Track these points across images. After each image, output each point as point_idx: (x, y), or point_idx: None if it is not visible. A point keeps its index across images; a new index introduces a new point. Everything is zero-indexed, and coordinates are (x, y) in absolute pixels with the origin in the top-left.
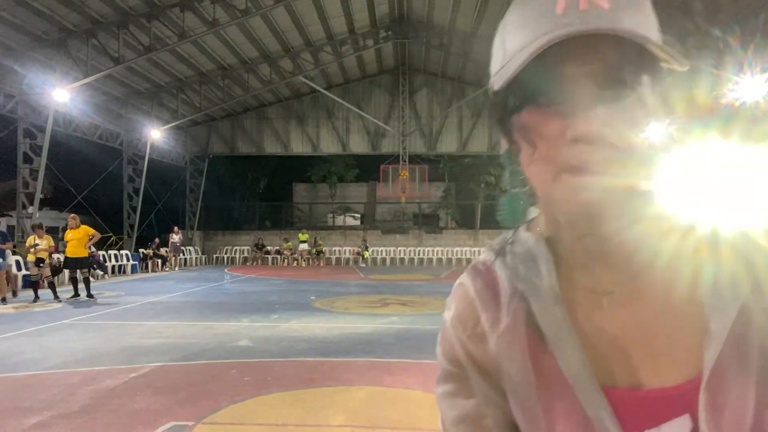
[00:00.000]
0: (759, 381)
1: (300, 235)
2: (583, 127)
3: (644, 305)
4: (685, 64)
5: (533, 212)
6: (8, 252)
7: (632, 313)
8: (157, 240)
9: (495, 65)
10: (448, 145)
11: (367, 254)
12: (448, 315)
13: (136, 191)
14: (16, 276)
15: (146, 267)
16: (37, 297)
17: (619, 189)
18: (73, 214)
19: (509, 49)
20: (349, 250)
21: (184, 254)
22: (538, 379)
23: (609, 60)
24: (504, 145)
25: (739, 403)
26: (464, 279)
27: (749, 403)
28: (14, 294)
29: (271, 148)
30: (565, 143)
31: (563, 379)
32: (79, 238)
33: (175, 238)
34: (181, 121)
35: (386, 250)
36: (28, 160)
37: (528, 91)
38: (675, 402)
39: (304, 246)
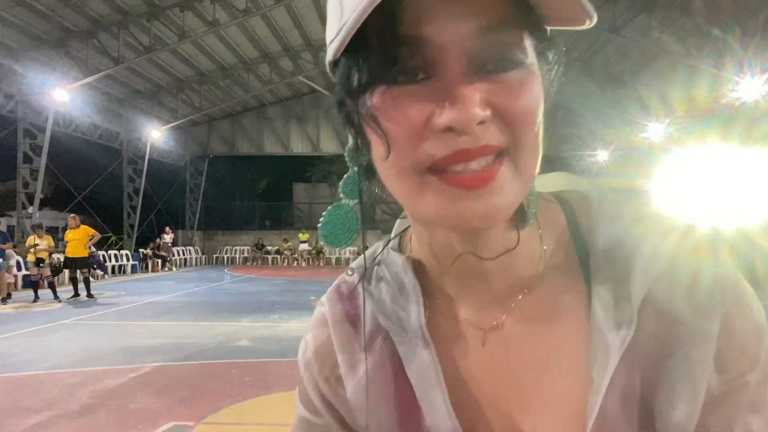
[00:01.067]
0: (641, 427)
1: (300, 235)
2: (458, 110)
3: (532, 344)
4: (592, 17)
5: (402, 224)
6: (9, 252)
7: (518, 353)
8: (157, 240)
9: (331, 30)
10: None
11: None
12: (303, 351)
13: (136, 191)
14: (16, 276)
15: (146, 267)
16: (37, 297)
17: (509, 194)
18: (73, 214)
19: (348, 4)
20: (349, 250)
21: (175, 255)
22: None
23: (485, 17)
24: (351, 139)
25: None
26: (325, 303)
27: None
28: (9, 296)
29: (271, 148)
30: (432, 134)
31: (424, 429)
32: (79, 238)
33: (167, 238)
34: (181, 121)
35: None
36: (28, 160)
37: (375, 62)
38: None
39: (305, 246)
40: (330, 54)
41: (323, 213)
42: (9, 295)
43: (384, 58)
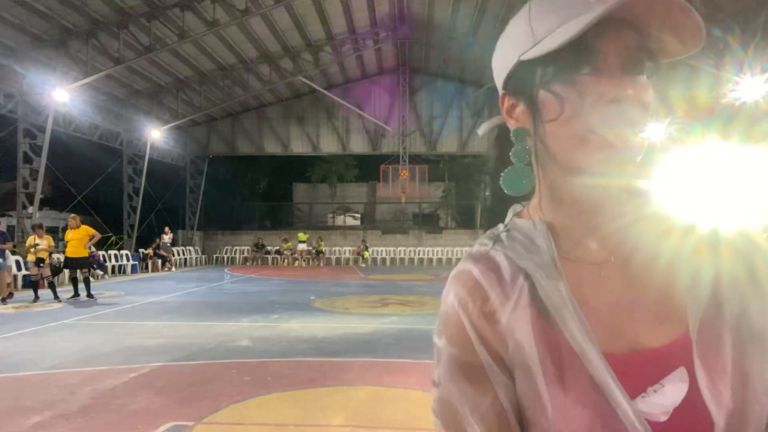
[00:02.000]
0: (731, 327)
1: (300, 234)
2: (620, 90)
3: (635, 273)
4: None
5: (515, 209)
6: (8, 252)
7: (625, 281)
8: (157, 240)
9: (521, 44)
10: (448, 145)
11: (367, 254)
12: (453, 298)
13: (136, 191)
14: (15, 276)
15: (146, 267)
16: (37, 297)
17: (641, 149)
18: (73, 214)
19: (542, 28)
20: (349, 250)
21: (175, 254)
22: (544, 353)
23: (630, 42)
24: (513, 123)
25: (721, 352)
26: (464, 266)
27: (728, 351)
28: (10, 295)
29: (271, 148)
30: (603, 104)
31: (569, 350)
32: (79, 238)
33: (165, 238)
34: (181, 121)
35: (386, 250)
36: (28, 160)
37: (568, 62)
38: (669, 358)
39: (303, 246)
40: (526, 56)
41: (501, 174)
42: (11, 294)
43: (576, 60)
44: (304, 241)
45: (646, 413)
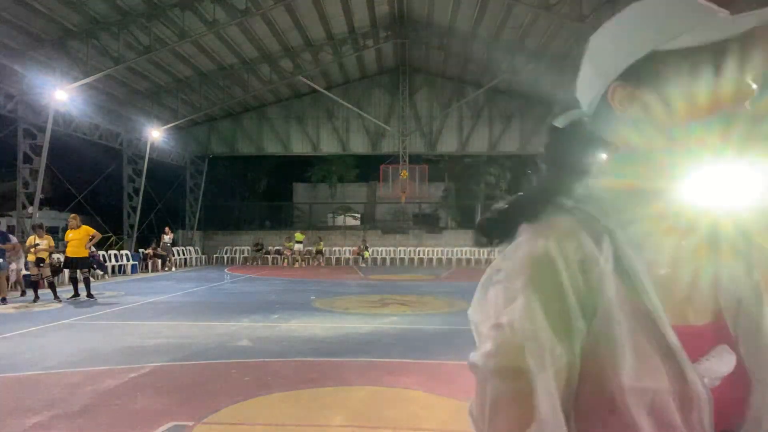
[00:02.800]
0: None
1: (297, 234)
2: (748, 91)
3: (687, 256)
4: None
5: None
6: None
7: (680, 264)
8: (158, 240)
9: (652, 37)
10: (448, 145)
11: (367, 254)
12: (546, 242)
13: (136, 191)
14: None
15: (146, 267)
16: (37, 297)
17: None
18: (73, 214)
19: (679, 25)
20: (349, 250)
21: (175, 255)
22: (625, 310)
23: (754, 52)
24: (631, 115)
25: (757, 329)
26: (553, 215)
27: (763, 328)
28: (23, 292)
29: (271, 148)
30: (729, 101)
31: (646, 311)
32: (79, 238)
33: (166, 238)
34: (181, 121)
35: (386, 250)
36: (28, 160)
37: (706, 58)
38: (713, 335)
39: (299, 246)
40: (663, 47)
41: (612, 159)
42: (4, 300)
43: (711, 57)
44: (300, 241)
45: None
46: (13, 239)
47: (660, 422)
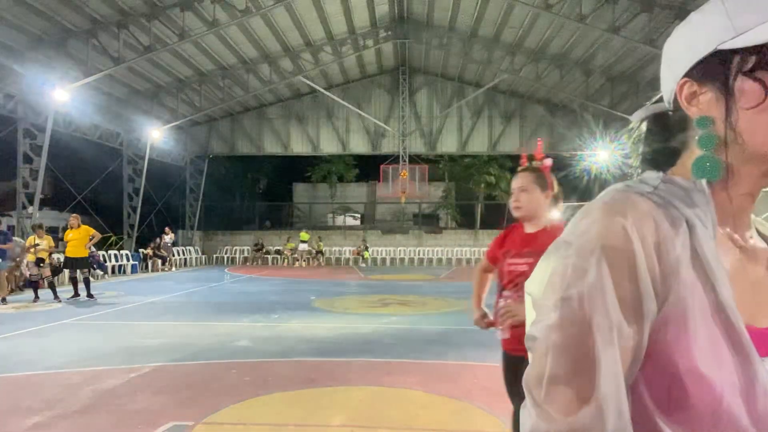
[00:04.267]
0: None
1: (302, 234)
2: None
3: (755, 263)
4: None
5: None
6: (9, 252)
7: (747, 267)
8: (158, 240)
9: (717, 35)
10: (448, 145)
11: (367, 254)
12: (623, 221)
13: (136, 191)
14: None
15: (146, 267)
16: (37, 297)
17: None
18: (74, 214)
19: (744, 21)
20: (349, 250)
21: (175, 255)
22: (699, 301)
23: None
24: (695, 111)
25: None
26: (629, 196)
27: None
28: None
29: (271, 148)
30: None
31: (719, 304)
32: (79, 238)
33: (167, 238)
34: (181, 121)
35: (386, 250)
36: (28, 160)
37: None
38: None
39: (305, 246)
40: (726, 45)
41: (700, 161)
42: (3, 300)
43: None
44: (305, 241)
45: None
46: (19, 241)
47: (724, 413)
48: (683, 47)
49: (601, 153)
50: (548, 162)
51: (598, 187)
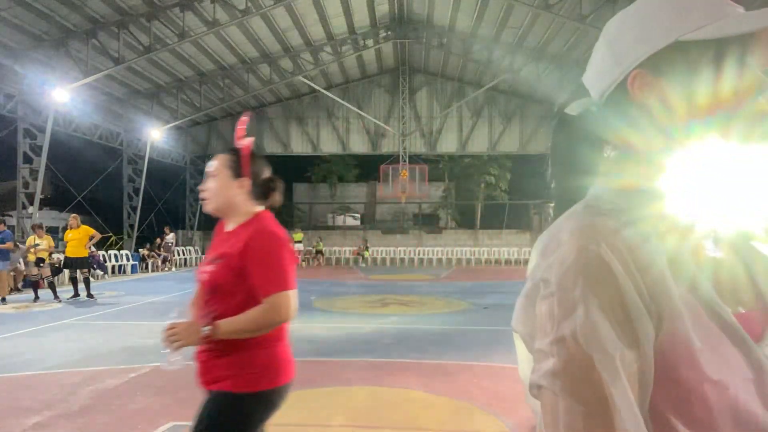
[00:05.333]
0: None
1: (294, 234)
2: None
3: (730, 248)
4: None
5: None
6: (11, 254)
7: (724, 251)
8: (158, 240)
9: (676, 27)
10: (448, 145)
11: (367, 254)
12: (597, 248)
13: (136, 191)
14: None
15: (146, 267)
16: (37, 297)
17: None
18: (74, 214)
19: (703, 15)
20: (349, 250)
21: (175, 255)
22: (686, 303)
23: None
24: (651, 103)
25: None
26: (595, 219)
27: None
28: (3, 300)
29: (271, 148)
30: (752, 91)
31: (705, 302)
32: (79, 238)
33: (168, 237)
34: (181, 121)
35: (386, 250)
36: (28, 160)
37: (729, 49)
38: (761, 320)
39: (299, 246)
40: (687, 37)
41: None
42: (3, 299)
43: (734, 48)
44: (299, 241)
45: None
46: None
47: (742, 411)
48: (634, 39)
49: None
50: (247, 142)
51: None
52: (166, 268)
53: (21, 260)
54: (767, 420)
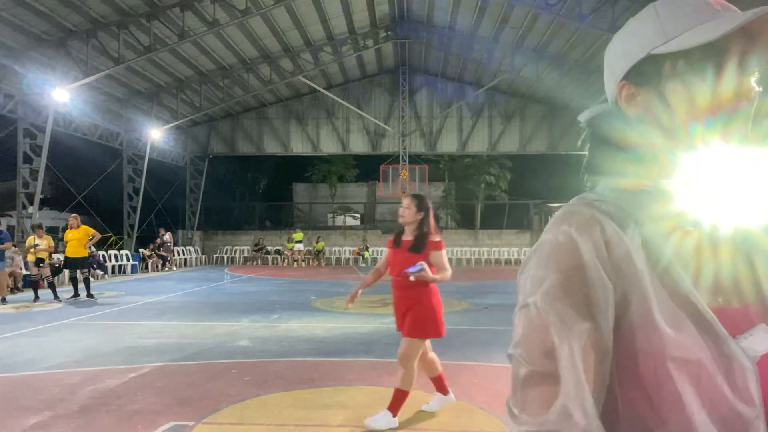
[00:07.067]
0: None
1: (295, 234)
2: (742, 87)
3: (719, 243)
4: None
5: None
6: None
7: (710, 247)
8: (158, 240)
9: (650, 41)
10: (448, 145)
11: (367, 254)
12: (568, 228)
13: (136, 191)
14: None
15: (146, 267)
16: (37, 297)
17: (747, 135)
18: (74, 214)
19: (673, 27)
20: (349, 250)
21: (175, 254)
22: (657, 290)
23: (747, 48)
24: (633, 110)
25: None
26: (574, 207)
27: None
28: (3, 300)
29: (271, 148)
30: (727, 97)
31: (678, 292)
32: (79, 238)
33: (166, 238)
34: (181, 121)
35: (386, 250)
36: (28, 160)
37: (699, 58)
38: (752, 316)
39: (300, 246)
40: (658, 50)
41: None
42: (4, 300)
43: (704, 56)
44: (300, 241)
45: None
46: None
47: (706, 390)
48: (621, 52)
49: None
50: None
51: None
52: (167, 268)
53: (20, 261)
54: (736, 403)
